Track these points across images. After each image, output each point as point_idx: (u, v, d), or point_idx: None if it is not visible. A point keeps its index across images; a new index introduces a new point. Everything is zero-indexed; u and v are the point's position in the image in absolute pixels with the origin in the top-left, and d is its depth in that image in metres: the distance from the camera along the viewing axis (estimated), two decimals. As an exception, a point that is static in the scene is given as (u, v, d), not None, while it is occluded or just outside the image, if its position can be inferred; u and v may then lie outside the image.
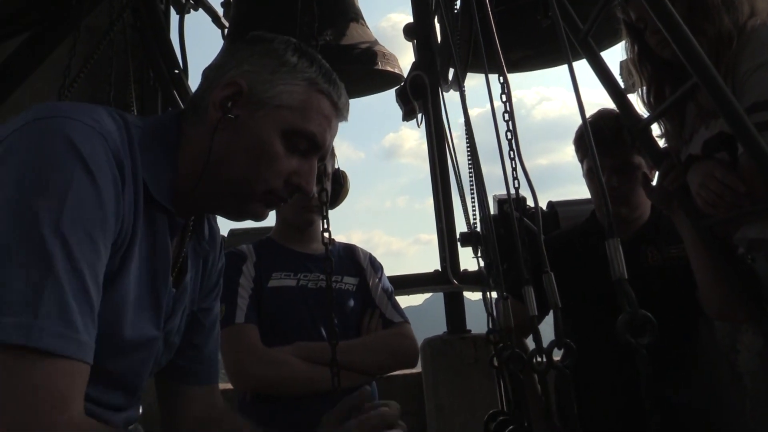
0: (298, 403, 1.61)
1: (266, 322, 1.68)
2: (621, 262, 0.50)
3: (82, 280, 0.75)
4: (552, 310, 0.64)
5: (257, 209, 0.98)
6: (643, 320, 0.49)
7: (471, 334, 2.51)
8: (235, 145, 0.93)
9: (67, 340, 0.73)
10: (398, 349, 1.70)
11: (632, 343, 0.48)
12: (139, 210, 0.88)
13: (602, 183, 0.63)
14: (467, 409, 2.26)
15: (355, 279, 1.79)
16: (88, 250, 0.76)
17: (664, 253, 1.75)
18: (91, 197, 0.78)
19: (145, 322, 0.93)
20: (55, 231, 0.74)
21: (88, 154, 0.79)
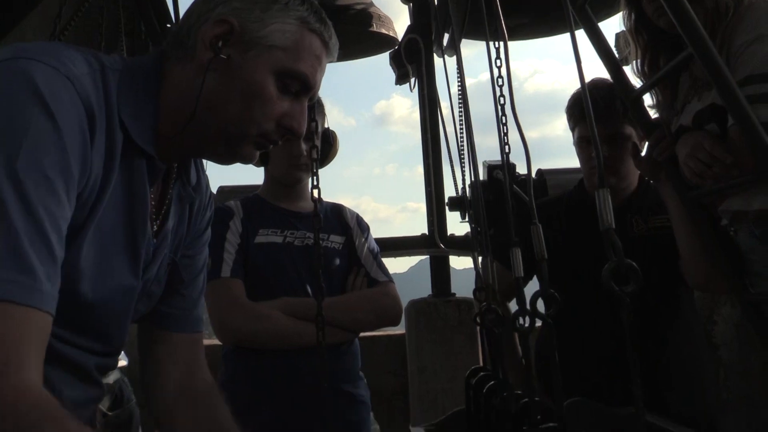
0: (281, 357, 1.63)
1: (252, 278, 1.69)
2: (609, 212, 0.51)
3: (40, 226, 0.72)
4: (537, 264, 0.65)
5: (248, 152, 0.96)
6: (628, 269, 0.50)
7: (455, 298, 2.54)
8: (226, 87, 0.91)
9: (22, 288, 0.69)
10: (382, 308, 1.72)
11: (616, 291, 0.49)
12: (115, 157, 0.85)
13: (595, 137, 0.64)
14: (449, 370, 2.29)
15: (341, 238, 1.80)
16: (46, 194, 0.73)
17: (649, 223, 1.77)
18: (51, 141, 0.75)
19: (121, 270, 0.91)
20: (9, 174, 0.70)
21: (49, 97, 0.76)
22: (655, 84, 1.62)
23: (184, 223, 1.06)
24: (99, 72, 0.85)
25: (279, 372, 1.63)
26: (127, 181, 0.89)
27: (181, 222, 1.05)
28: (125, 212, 0.89)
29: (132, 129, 0.87)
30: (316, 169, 1.51)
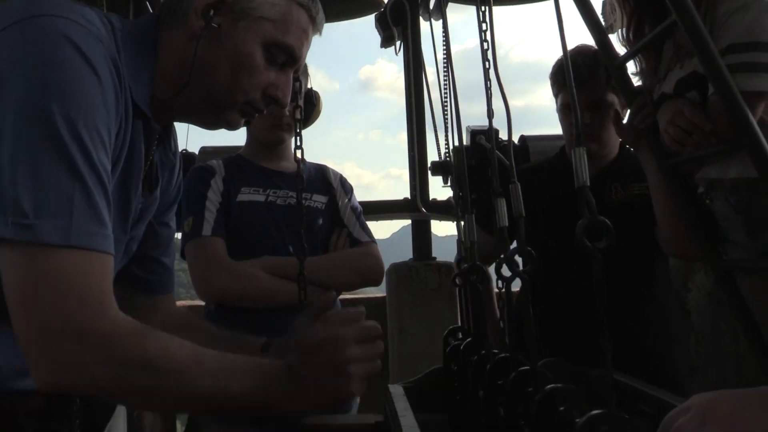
0: (262, 316, 1.64)
1: (233, 237, 1.69)
2: (585, 170, 0.52)
3: (101, 179, 0.79)
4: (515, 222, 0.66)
5: (233, 119, 1.00)
6: (601, 226, 0.51)
7: (436, 262, 2.57)
8: (216, 55, 0.94)
9: (100, 237, 0.78)
10: (364, 267, 1.73)
11: (589, 247, 0.51)
12: (129, 116, 0.89)
13: (574, 97, 0.64)
14: (428, 332, 2.33)
15: (324, 198, 1.80)
16: (100, 149, 0.80)
17: (627, 190, 1.79)
18: (98, 98, 0.80)
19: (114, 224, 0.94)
20: (74, 133, 0.77)
21: (91, 55, 0.81)
22: (639, 51, 1.63)
23: (168, 186, 1.11)
24: (111, 33, 0.89)
25: (260, 331, 1.63)
26: (129, 140, 0.92)
27: (167, 185, 1.11)
28: (124, 169, 0.93)
29: (134, 91, 0.91)
30: (299, 129, 1.51)
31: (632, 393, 1.09)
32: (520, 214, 0.65)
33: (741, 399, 0.83)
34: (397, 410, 0.99)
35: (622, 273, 1.72)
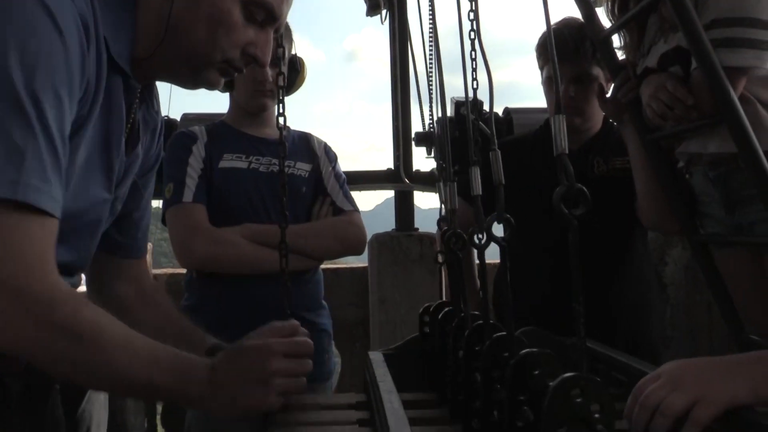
0: (244, 284, 1.64)
1: (215, 203, 1.68)
2: (564, 137, 0.52)
3: (52, 140, 0.78)
4: (495, 189, 0.66)
5: (212, 78, 0.98)
6: (578, 193, 0.51)
7: (418, 232, 2.58)
8: (194, 13, 0.93)
9: (46, 197, 0.76)
10: (346, 236, 1.73)
11: (566, 214, 0.51)
12: (102, 72, 0.88)
13: (555, 66, 0.64)
14: (409, 301, 2.36)
15: (308, 166, 1.79)
16: (57, 110, 0.78)
17: (609, 164, 1.81)
18: (60, 57, 0.79)
19: (96, 183, 0.94)
20: (30, 91, 0.75)
21: (57, 12, 0.79)
22: (624, 25, 1.63)
23: (146, 145, 1.09)
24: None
25: (241, 298, 1.64)
26: (107, 97, 0.91)
27: (150, 145, 1.10)
28: (103, 128, 0.92)
29: (112, 46, 0.89)
30: (282, 96, 1.49)
31: (606, 361, 1.11)
32: (499, 182, 0.66)
33: (709, 366, 0.85)
34: (377, 376, 1.00)
35: (601, 245, 1.74)
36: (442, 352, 1.01)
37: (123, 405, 2.45)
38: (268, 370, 0.91)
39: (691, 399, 0.80)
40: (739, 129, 1.34)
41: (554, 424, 0.52)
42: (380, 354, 1.21)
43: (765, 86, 1.47)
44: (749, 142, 1.34)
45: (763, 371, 0.82)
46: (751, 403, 0.80)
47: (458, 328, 0.89)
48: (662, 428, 0.81)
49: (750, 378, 0.81)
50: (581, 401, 0.52)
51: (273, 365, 0.92)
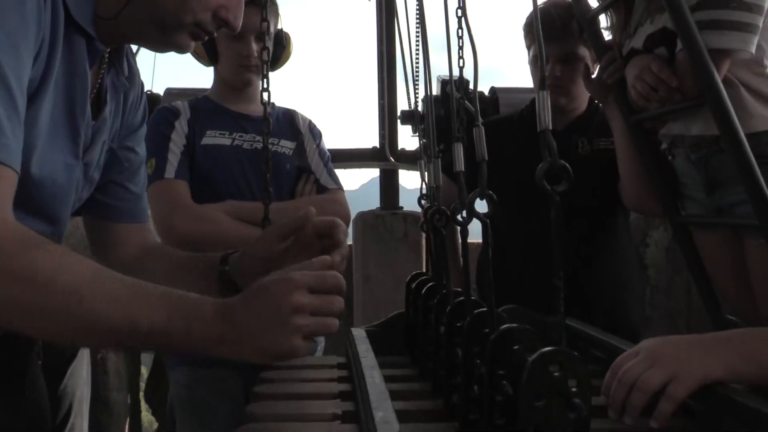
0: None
1: (197, 180, 1.66)
2: (548, 113, 0.52)
3: (9, 89, 0.74)
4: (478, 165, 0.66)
5: (182, 41, 0.96)
6: (561, 169, 0.52)
7: (402, 211, 2.59)
8: None
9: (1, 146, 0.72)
10: (330, 215, 1.72)
11: (548, 190, 0.52)
12: (58, 31, 0.84)
13: (540, 41, 0.64)
14: (393, 279, 2.36)
15: (292, 143, 1.78)
16: (12, 58, 0.75)
17: (594, 144, 1.81)
18: (15, 7, 0.76)
19: (61, 149, 0.92)
20: None
21: None
22: (611, 5, 1.63)
23: (119, 112, 1.06)
24: None
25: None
26: (67, 59, 0.88)
27: (117, 110, 1.06)
28: (66, 91, 0.89)
29: (72, 6, 0.86)
30: (267, 71, 1.48)
31: (585, 338, 1.13)
32: (482, 157, 0.66)
33: (686, 344, 0.87)
34: (359, 352, 1.01)
35: (584, 225, 1.76)
36: (424, 328, 1.01)
37: (106, 381, 2.45)
38: (289, 307, 0.75)
39: (668, 375, 0.82)
40: (721, 112, 1.35)
41: (532, 397, 0.53)
42: (362, 330, 1.21)
43: (749, 69, 1.48)
44: (731, 125, 1.35)
45: (737, 349, 0.83)
46: (725, 379, 0.82)
47: (440, 304, 0.90)
48: (639, 403, 0.82)
49: (725, 355, 0.82)
50: (559, 375, 0.53)
51: (295, 300, 0.76)
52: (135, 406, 2.66)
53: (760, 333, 0.94)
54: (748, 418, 0.76)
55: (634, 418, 0.83)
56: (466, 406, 0.72)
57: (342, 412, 0.87)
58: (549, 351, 0.53)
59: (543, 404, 0.53)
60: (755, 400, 0.76)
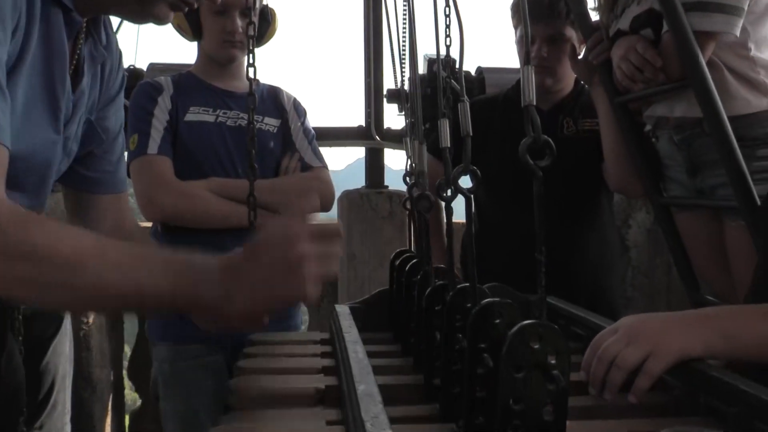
0: (210, 237, 1.63)
1: (181, 157, 1.65)
2: (532, 89, 0.52)
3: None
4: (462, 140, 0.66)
5: (161, 12, 0.94)
6: (544, 144, 0.52)
7: (387, 190, 2.59)
8: None
9: None
10: (314, 192, 1.72)
11: (531, 165, 0.52)
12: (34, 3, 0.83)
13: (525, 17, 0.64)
14: (377, 258, 2.37)
15: (276, 121, 1.77)
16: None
17: (579, 125, 1.82)
18: None
19: (42, 123, 0.91)
20: None
21: None
22: (599, -15, 1.63)
23: (96, 83, 1.05)
24: None
25: (208, 252, 1.63)
26: (45, 33, 0.87)
27: (95, 81, 1.05)
28: (45, 65, 0.88)
29: None
30: (253, 46, 1.46)
31: (566, 316, 1.14)
32: (467, 132, 0.66)
33: (664, 321, 0.88)
34: (342, 327, 1.01)
35: (567, 205, 1.77)
36: (407, 304, 1.02)
37: (89, 358, 2.44)
38: (297, 256, 0.75)
39: (646, 352, 0.83)
40: (705, 94, 1.36)
41: (512, 369, 0.54)
42: (346, 307, 1.22)
43: (733, 52, 1.49)
44: (714, 108, 1.36)
45: (713, 326, 0.85)
46: (702, 355, 0.83)
47: (423, 280, 0.90)
48: (618, 380, 0.84)
49: (701, 332, 0.84)
50: (539, 347, 0.54)
51: (299, 249, 0.76)
52: (118, 383, 2.66)
53: (735, 311, 0.95)
54: (724, 393, 0.77)
55: (614, 394, 0.84)
56: (447, 379, 0.73)
57: (325, 387, 0.88)
58: (529, 324, 0.54)
59: (522, 376, 0.54)
60: (730, 375, 0.78)
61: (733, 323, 0.85)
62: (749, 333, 0.83)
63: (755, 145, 1.47)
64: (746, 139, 1.46)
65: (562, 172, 1.74)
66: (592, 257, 1.84)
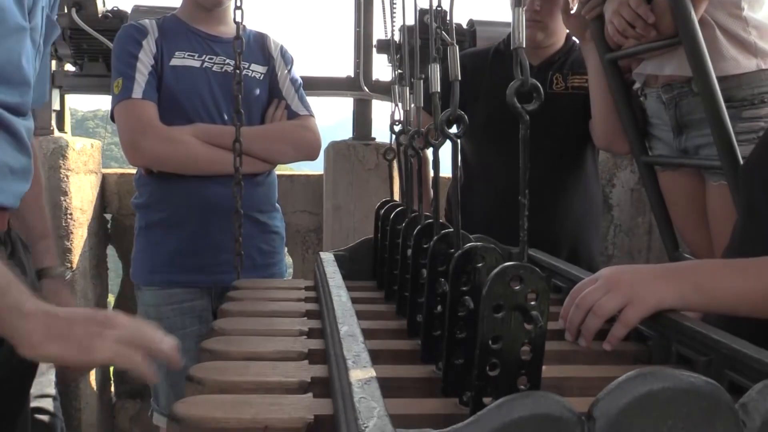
0: (196, 183, 1.62)
1: (165, 103, 1.62)
2: (522, 31, 0.52)
3: None
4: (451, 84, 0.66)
5: None
6: (532, 88, 0.52)
7: (375, 142, 2.58)
8: None
9: None
10: (300, 141, 1.71)
11: (518, 108, 0.52)
12: None
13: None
14: (363, 209, 2.38)
15: (263, 68, 1.74)
16: None
17: (568, 81, 1.81)
18: None
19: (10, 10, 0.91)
20: None
21: None
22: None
23: None
24: None
25: (192, 198, 1.63)
26: None
27: None
28: None
29: None
30: (240, -12, 1.43)
31: (548, 268, 1.16)
32: (456, 77, 0.65)
33: (642, 272, 0.90)
34: (327, 273, 1.02)
35: (553, 161, 1.78)
36: (391, 252, 1.03)
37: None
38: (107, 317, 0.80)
39: (623, 301, 0.85)
40: (695, 52, 1.36)
41: (492, 309, 0.55)
42: (331, 254, 1.23)
43: (725, 11, 1.48)
44: (704, 66, 1.36)
45: (689, 279, 0.87)
46: (676, 307, 0.86)
47: (408, 226, 0.91)
48: (594, 327, 0.86)
49: (678, 285, 0.86)
50: (519, 288, 0.55)
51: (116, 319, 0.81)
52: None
53: (711, 265, 0.98)
54: (695, 342, 0.80)
55: (588, 341, 0.87)
56: (429, 322, 0.75)
57: (308, 329, 0.89)
58: (511, 265, 0.55)
59: (502, 316, 0.55)
60: (702, 325, 0.80)
61: (708, 277, 0.87)
62: (723, 287, 0.85)
63: (742, 107, 1.48)
64: (734, 100, 1.47)
65: (550, 128, 1.75)
66: (575, 213, 1.86)
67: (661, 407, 0.47)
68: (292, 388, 0.69)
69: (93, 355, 0.78)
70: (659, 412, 0.47)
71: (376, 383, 0.55)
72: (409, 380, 0.72)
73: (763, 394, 0.51)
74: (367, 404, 0.51)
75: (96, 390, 2.53)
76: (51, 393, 1.40)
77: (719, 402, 0.49)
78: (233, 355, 0.79)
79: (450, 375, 0.65)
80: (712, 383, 0.49)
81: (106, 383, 2.68)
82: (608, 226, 2.60)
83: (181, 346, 1.71)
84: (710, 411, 0.49)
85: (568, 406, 0.46)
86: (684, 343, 0.82)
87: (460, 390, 0.64)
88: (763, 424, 0.50)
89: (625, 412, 0.47)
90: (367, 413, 0.49)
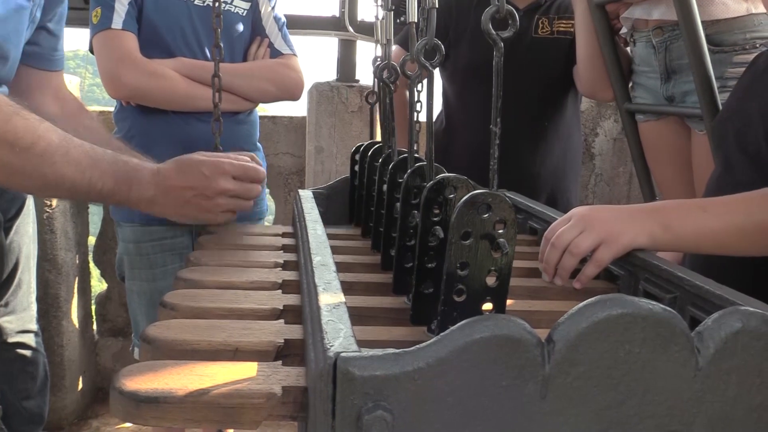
0: (176, 119, 1.60)
1: (146, 35, 1.58)
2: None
3: None
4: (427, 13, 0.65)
5: None
6: (508, 14, 0.51)
7: (359, 84, 2.54)
8: None
9: None
10: (283, 79, 1.68)
11: (492, 35, 0.51)
12: None
13: None
14: (345, 152, 2.36)
15: (246, 4, 1.70)
16: None
17: (553, 26, 1.79)
18: None
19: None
20: None
21: None
22: None
23: None
24: None
25: (174, 133, 1.61)
26: None
27: None
28: None
29: None
30: None
31: (525, 210, 1.17)
32: (432, 5, 0.64)
33: (615, 212, 0.91)
34: (304, 209, 1.03)
35: (536, 104, 1.77)
36: (369, 187, 1.03)
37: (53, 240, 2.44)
38: (214, 188, 0.96)
39: (597, 240, 0.86)
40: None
41: (461, 236, 0.56)
42: (309, 192, 1.23)
43: (716, -46, 1.46)
44: (689, 9, 1.35)
45: (657, 218, 0.88)
46: (647, 246, 0.87)
47: (384, 163, 0.91)
48: (570, 266, 0.87)
49: (647, 224, 0.87)
50: (488, 216, 0.55)
51: (221, 184, 0.97)
52: (84, 267, 2.67)
53: (678, 204, 0.99)
54: (661, 279, 0.82)
55: (565, 279, 0.89)
56: (401, 254, 0.76)
57: (284, 261, 0.90)
58: (480, 193, 0.56)
59: (470, 243, 0.56)
60: (667, 263, 0.82)
61: (674, 215, 0.89)
62: (687, 224, 0.87)
63: (733, 51, 1.47)
64: (725, 45, 1.45)
65: (534, 73, 1.74)
66: (555, 159, 1.86)
67: (619, 332, 0.49)
68: (264, 314, 0.70)
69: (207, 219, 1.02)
70: (617, 336, 0.49)
71: (345, 308, 0.56)
72: (380, 309, 0.73)
73: (719, 323, 0.53)
74: (334, 326, 0.52)
75: (78, 327, 2.55)
76: (33, 329, 1.41)
77: (675, 329, 0.51)
78: (207, 284, 0.79)
79: (419, 304, 0.66)
80: (669, 311, 0.50)
81: (88, 320, 2.70)
82: (589, 175, 2.62)
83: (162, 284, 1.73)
84: (666, 337, 0.50)
85: (528, 328, 0.47)
86: (651, 281, 0.84)
87: (429, 319, 0.65)
88: (717, 351, 0.52)
89: (584, 335, 0.49)
90: (334, 334, 0.50)
